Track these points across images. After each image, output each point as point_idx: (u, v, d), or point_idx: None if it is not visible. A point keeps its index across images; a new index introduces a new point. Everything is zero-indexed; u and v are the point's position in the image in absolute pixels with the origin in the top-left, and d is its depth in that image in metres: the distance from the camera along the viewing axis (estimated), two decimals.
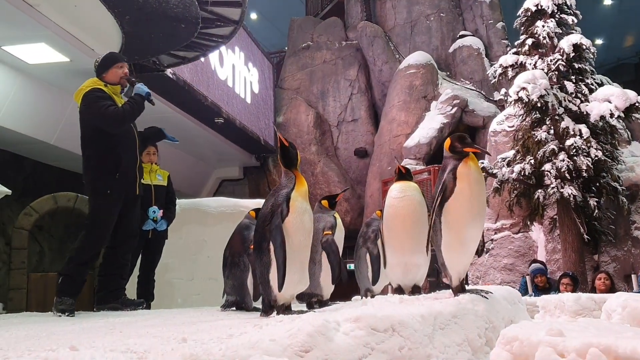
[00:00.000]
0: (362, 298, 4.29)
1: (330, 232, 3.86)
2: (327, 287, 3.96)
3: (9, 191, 6.78)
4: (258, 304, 3.43)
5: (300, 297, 4.03)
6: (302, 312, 2.88)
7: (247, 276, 3.92)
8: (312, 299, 3.94)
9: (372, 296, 4.00)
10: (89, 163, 4.36)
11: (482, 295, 2.96)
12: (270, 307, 2.97)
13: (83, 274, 4.27)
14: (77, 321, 3.43)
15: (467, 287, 3.07)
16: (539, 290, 7.43)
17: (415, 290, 3.60)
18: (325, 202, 4.16)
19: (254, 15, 24.30)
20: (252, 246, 3.46)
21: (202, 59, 10.76)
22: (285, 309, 2.91)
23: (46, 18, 6.88)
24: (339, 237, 3.96)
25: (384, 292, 4.27)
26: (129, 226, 4.57)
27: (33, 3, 6.59)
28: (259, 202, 7.89)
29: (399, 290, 3.61)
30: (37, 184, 10.13)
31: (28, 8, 6.60)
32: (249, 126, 13.82)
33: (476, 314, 2.72)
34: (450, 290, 3.08)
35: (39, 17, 6.79)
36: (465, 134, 3.12)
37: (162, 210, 5.66)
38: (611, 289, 6.81)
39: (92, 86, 4.39)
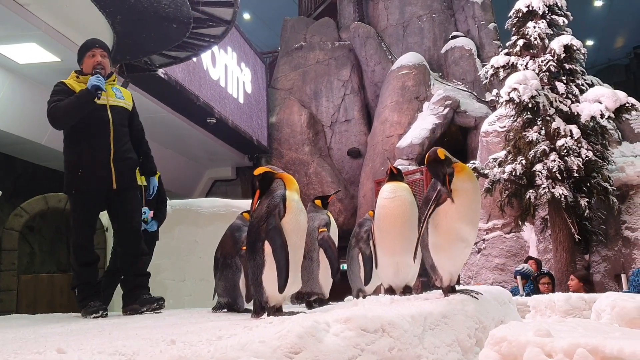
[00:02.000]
0: (354, 298, 4.30)
1: (326, 229, 3.88)
2: (326, 285, 3.97)
3: None
4: (250, 306, 3.42)
5: (299, 297, 4.04)
6: (292, 313, 2.87)
7: (240, 277, 3.92)
8: (311, 298, 3.95)
9: (364, 296, 4.01)
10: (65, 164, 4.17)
11: (472, 296, 2.97)
12: (262, 308, 2.96)
13: (87, 276, 4.06)
14: (66, 323, 3.41)
15: (457, 288, 3.07)
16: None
17: (407, 290, 3.61)
18: (318, 202, 4.19)
19: (246, 16, 24.28)
20: (244, 247, 3.46)
21: (194, 59, 10.74)
22: (276, 311, 2.91)
23: (36, 18, 6.84)
24: (333, 235, 3.98)
25: (376, 292, 4.27)
26: (124, 223, 4.21)
27: (23, 2, 6.56)
28: (251, 203, 7.90)
29: (390, 290, 3.62)
30: (28, 184, 10.08)
31: (18, 7, 6.56)
32: (241, 126, 13.80)
33: (466, 314, 2.72)
34: (441, 290, 3.08)
35: (29, 17, 6.75)
36: (439, 152, 3.12)
37: (152, 211, 5.65)
38: (586, 290, 6.82)
39: (72, 76, 4.19)
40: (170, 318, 3.42)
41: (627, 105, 7.87)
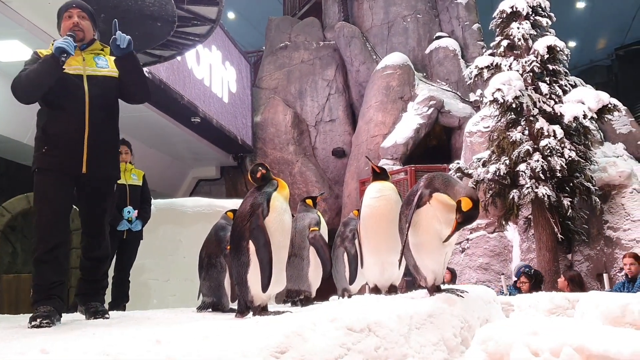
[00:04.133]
0: (339, 298, 4.31)
1: (317, 228, 3.89)
2: (314, 284, 3.98)
3: None
4: (235, 305, 3.41)
5: (289, 295, 4.04)
6: (278, 312, 2.87)
7: (224, 277, 3.91)
8: (299, 296, 3.95)
9: (350, 296, 4.01)
10: None
11: (458, 295, 2.98)
12: (247, 307, 2.95)
13: (41, 274, 3.28)
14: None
15: (442, 287, 3.08)
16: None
17: (392, 289, 3.61)
18: (309, 201, 4.22)
19: (231, 15, 24.17)
20: (228, 247, 3.45)
21: (179, 58, 10.66)
22: (261, 310, 2.90)
23: (19, 15, 6.76)
24: (323, 234, 3.99)
25: (361, 291, 4.27)
26: (88, 219, 3.54)
27: (5, 0, 6.47)
28: (235, 202, 7.89)
29: (375, 290, 3.62)
30: (10, 183, 9.95)
31: (0, 5, 6.48)
32: (226, 125, 13.74)
33: (452, 313, 2.74)
34: (426, 290, 3.09)
35: (12, 14, 6.67)
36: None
37: (137, 211, 5.61)
38: (572, 290, 6.89)
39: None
40: (155, 318, 3.39)
41: (609, 106, 7.95)
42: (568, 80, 8.61)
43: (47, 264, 3.27)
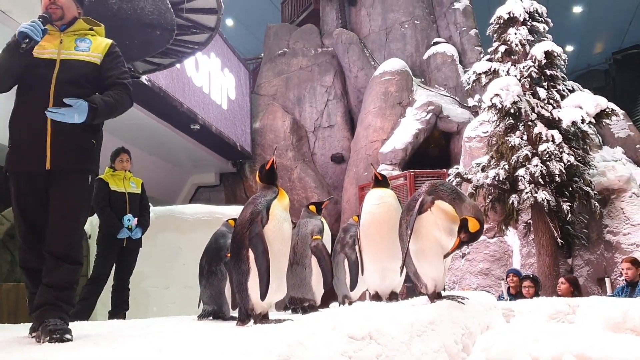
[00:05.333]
0: (339, 305, 4.30)
1: (320, 237, 3.88)
2: (318, 292, 3.97)
3: None
4: (235, 313, 3.40)
5: (292, 302, 4.03)
6: (279, 320, 2.86)
7: (225, 285, 3.89)
8: (303, 304, 3.94)
9: (350, 303, 4.00)
10: None
11: (459, 301, 2.98)
12: (247, 315, 2.94)
13: (38, 282, 2.93)
14: None
15: (443, 293, 3.08)
16: (512, 295, 7.53)
17: (393, 296, 3.61)
18: (312, 208, 4.20)
19: (230, 22, 24.22)
20: (228, 254, 3.45)
21: (178, 66, 10.69)
22: (263, 318, 2.90)
23: (18, 24, 6.76)
24: (326, 241, 3.98)
25: (361, 298, 4.27)
26: (53, 216, 2.94)
27: (5, 9, 6.50)
28: (235, 209, 7.89)
29: (376, 296, 3.62)
30: (9, 191, 9.93)
31: (1, 15, 6.51)
32: (225, 132, 13.76)
33: (453, 320, 2.73)
34: (427, 296, 3.09)
35: (12, 24, 6.69)
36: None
37: (136, 219, 5.62)
38: (573, 292, 6.90)
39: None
40: (155, 326, 3.39)
41: (607, 110, 7.96)
42: (566, 85, 8.63)
43: (37, 272, 2.94)
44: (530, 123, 8.26)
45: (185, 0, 6.84)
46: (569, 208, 7.89)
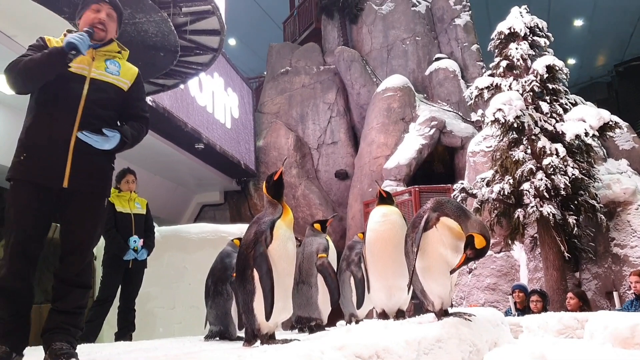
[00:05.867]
0: (346, 323, 4.28)
1: (325, 255, 3.87)
2: (325, 310, 3.95)
3: None
4: (242, 333, 3.39)
5: (299, 321, 4.02)
6: (286, 340, 2.86)
7: (231, 305, 3.89)
8: (310, 323, 3.92)
9: (357, 321, 3.99)
10: None
11: (465, 318, 2.96)
12: (254, 336, 2.94)
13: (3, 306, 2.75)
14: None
15: (450, 311, 3.07)
16: (519, 310, 7.49)
17: (400, 314, 3.60)
18: (317, 226, 4.20)
19: (232, 41, 24.44)
20: (234, 274, 3.45)
21: (182, 86, 10.77)
22: (269, 338, 2.89)
23: (24, 49, 6.83)
24: (332, 259, 3.97)
25: (368, 316, 4.25)
26: (67, 235, 2.94)
27: (11, 34, 6.57)
28: (240, 227, 7.90)
29: (383, 314, 3.60)
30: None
31: (5, 39, 6.59)
32: (229, 151, 13.81)
33: (460, 337, 2.72)
34: (434, 314, 3.08)
35: (17, 48, 6.75)
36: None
37: (142, 240, 5.63)
38: (582, 307, 6.86)
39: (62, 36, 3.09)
40: (162, 348, 3.38)
41: (610, 123, 7.96)
42: (568, 99, 8.64)
43: (14, 293, 2.77)
44: (533, 137, 8.26)
45: (188, 22, 6.90)
46: (575, 221, 7.86)
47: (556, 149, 7.97)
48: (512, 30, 8.80)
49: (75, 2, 3.51)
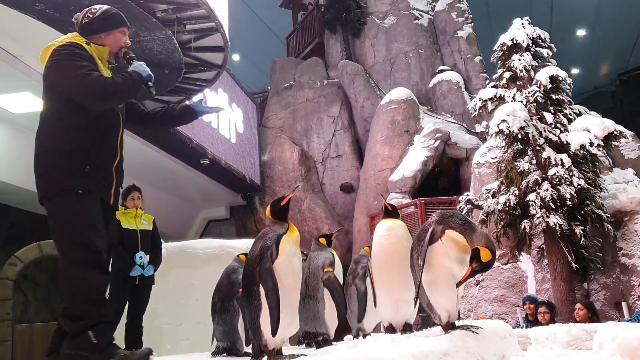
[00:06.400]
0: (354, 338, 4.26)
1: (331, 269, 3.87)
2: (332, 325, 3.94)
3: None
4: (249, 349, 3.39)
5: (305, 336, 4.01)
6: (293, 356, 2.85)
7: (238, 321, 3.89)
8: (317, 338, 3.91)
9: (364, 335, 3.97)
10: (47, 150, 3.06)
11: (473, 331, 2.95)
12: (261, 352, 2.93)
13: (106, 310, 2.97)
14: None
15: (457, 323, 3.06)
16: (530, 322, 7.43)
17: (407, 328, 3.58)
18: (323, 240, 4.19)
19: (236, 57, 24.60)
20: (240, 290, 3.45)
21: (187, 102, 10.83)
22: (276, 354, 2.88)
23: (30, 68, 6.92)
24: (338, 273, 3.96)
25: (375, 330, 4.23)
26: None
27: (17, 54, 6.65)
28: (246, 242, 7.89)
29: (390, 328, 3.59)
30: (22, 232, 10.01)
31: (12, 59, 6.66)
32: (234, 166, 13.86)
33: (467, 350, 2.71)
34: (441, 327, 3.07)
35: (23, 68, 6.84)
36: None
37: (148, 256, 5.63)
38: (591, 317, 6.82)
39: (69, 39, 3.13)
40: None
41: (615, 132, 7.95)
42: (572, 109, 8.64)
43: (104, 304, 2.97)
44: (538, 148, 8.26)
45: (192, 39, 6.97)
46: (581, 232, 7.83)
47: (561, 159, 7.96)
48: (515, 42, 8.83)
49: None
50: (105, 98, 3.00)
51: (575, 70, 24.72)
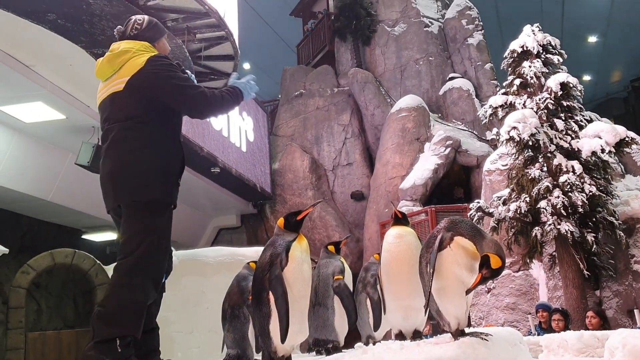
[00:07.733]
0: (364, 345, 4.26)
1: (341, 277, 3.87)
2: (342, 332, 3.94)
3: (6, 250, 6.77)
4: (259, 357, 3.40)
5: (316, 343, 4.01)
6: None
7: (248, 328, 3.90)
8: (327, 345, 3.91)
9: (374, 343, 3.97)
10: (135, 159, 3.05)
11: (482, 338, 2.94)
12: (270, 358, 2.94)
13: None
14: None
15: (466, 331, 3.05)
16: (543, 329, 7.38)
17: (417, 335, 3.58)
18: (331, 248, 4.20)
19: (247, 66, 24.72)
20: (250, 297, 3.46)
21: None
22: None
23: (42, 78, 7.01)
24: (347, 281, 3.96)
25: (385, 337, 4.22)
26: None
27: (29, 64, 6.73)
28: (257, 250, 7.90)
29: (400, 335, 3.59)
30: (34, 241, 10.11)
31: (24, 69, 6.74)
32: (245, 174, 13.90)
33: (477, 357, 2.70)
34: (450, 334, 3.06)
35: (35, 77, 6.92)
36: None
37: None
38: (602, 325, 6.76)
39: (155, 52, 3.23)
40: None
41: (626, 139, 7.91)
42: (583, 116, 8.61)
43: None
44: (549, 154, 8.22)
45: (202, 48, 7.02)
46: (593, 239, 7.78)
47: (572, 166, 7.92)
48: (525, 49, 8.82)
49: (91, 32, 3.68)
50: (216, 110, 3.34)
51: (587, 77, 24.62)
